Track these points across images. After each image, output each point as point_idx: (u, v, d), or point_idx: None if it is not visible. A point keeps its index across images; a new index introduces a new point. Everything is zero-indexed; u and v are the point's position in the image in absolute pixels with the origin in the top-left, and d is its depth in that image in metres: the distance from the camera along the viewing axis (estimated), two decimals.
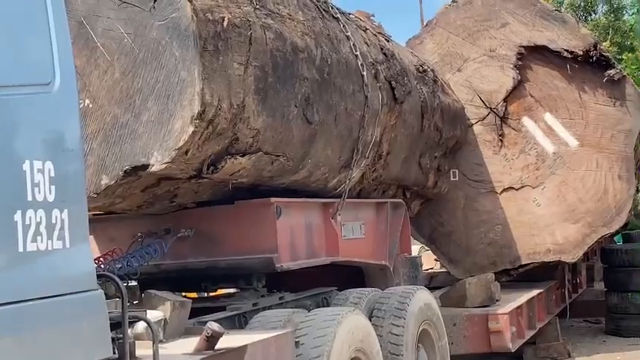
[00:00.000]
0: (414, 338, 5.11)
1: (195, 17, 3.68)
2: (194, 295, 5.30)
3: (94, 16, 3.77)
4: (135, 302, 4.07)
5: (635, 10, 24.31)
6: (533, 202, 7.72)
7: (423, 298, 5.43)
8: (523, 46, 7.77)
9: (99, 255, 4.34)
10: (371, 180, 5.99)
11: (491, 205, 7.81)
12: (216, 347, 3.46)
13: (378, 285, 5.85)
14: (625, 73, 7.70)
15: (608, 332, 9.52)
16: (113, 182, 3.78)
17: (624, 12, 24.62)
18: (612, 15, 24.17)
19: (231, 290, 5.26)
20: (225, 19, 3.87)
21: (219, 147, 3.98)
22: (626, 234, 10.33)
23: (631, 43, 23.49)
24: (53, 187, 2.59)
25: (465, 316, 6.61)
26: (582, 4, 24.68)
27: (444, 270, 8.59)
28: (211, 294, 5.21)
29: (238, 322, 4.49)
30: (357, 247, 5.76)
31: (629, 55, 23.14)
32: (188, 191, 4.34)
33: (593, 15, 24.65)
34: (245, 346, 3.62)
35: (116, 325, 3.06)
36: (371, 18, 6.78)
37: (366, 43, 5.81)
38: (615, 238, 10.82)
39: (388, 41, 6.50)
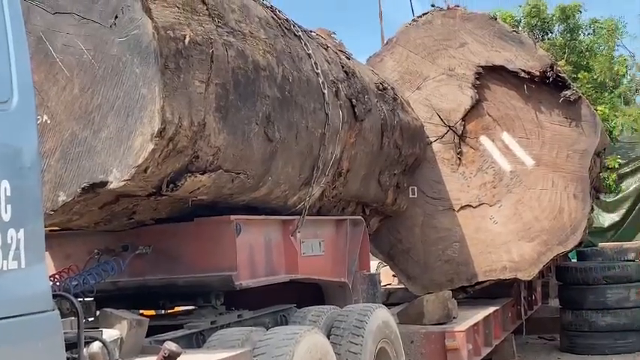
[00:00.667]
0: (372, 356, 5.11)
1: (156, 35, 3.66)
2: (151, 312, 5.25)
3: (53, 31, 3.73)
4: (91, 320, 4.02)
5: (592, 31, 24.71)
6: (490, 219, 7.79)
7: (382, 316, 5.44)
8: (481, 66, 7.86)
9: (55, 272, 4.28)
10: (331, 197, 6.01)
11: (449, 222, 7.87)
12: None
13: (337, 302, 5.86)
14: (580, 94, 7.81)
15: (563, 349, 9.64)
16: (71, 199, 3.73)
17: (580, 32, 25.01)
18: (568, 34, 24.54)
19: (189, 308, 5.21)
20: (187, 36, 3.85)
21: (179, 165, 3.96)
22: (581, 252, 10.47)
23: (587, 63, 23.87)
24: (9, 207, 2.55)
25: (423, 333, 6.64)
26: (539, 23, 25.02)
27: (401, 286, 8.63)
28: (169, 312, 5.16)
29: (196, 341, 4.45)
30: (317, 264, 5.76)
31: (585, 74, 23.53)
32: (147, 208, 4.31)
33: (550, 34, 25.01)
34: None
35: (71, 345, 3.02)
36: (332, 36, 6.81)
37: (328, 61, 5.84)
38: (570, 256, 10.96)
39: (349, 59, 6.53)
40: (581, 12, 24.31)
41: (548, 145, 7.74)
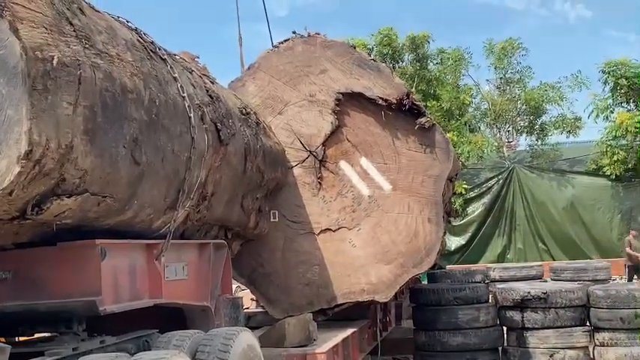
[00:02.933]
0: None
1: (24, 55, 3.58)
2: (2, 340, 5.07)
3: None
4: None
5: (440, 60, 25.70)
6: (349, 243, 7.96)
7: (246, 339, 5.45)
8: (341, 93, 8.05)
9: None
10: (195, 221, 5.99)
11: (309, 246, 7.99)
12: None
13: (200, 327, 5.84)
14: (434, 122, 8.13)
15: None
16: None
17: (429, 61, 25.97)
18: (418, 64, 25.45)
19: (48, 335, 5.07)
20: (55, 57, 3.78)
21: (45, 188, 3.87)
22: (431, 273, 10.84)
23: (435, 92, 24.79)
24: None
25: (284, 356, 6.70)
26: (390, 52, 25.76)
27: (260, 310, 8.68)
28: (28, 339, 5.00)
29: None
30: (181, 288, 5.73)
31: (434, 102, 24.40)
32: (8, 232, 4.17)
33: (401, 63, 25.83)
34: None
35: None
36: (196, 60, 6.82)
37: (193, 84, 5.85)
38: (420, 278, 11.33)
39: (213, 83, 6.56)
40: (429, 42, 25.33)
41: (405, 170, 8.00)
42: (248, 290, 8.58)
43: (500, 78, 26.25)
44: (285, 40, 8.30)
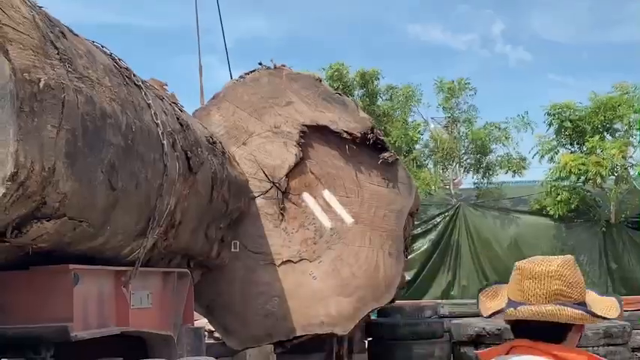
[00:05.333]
0: None
1: (13, 76, 3.56)
2: None
3: None
4: None
5: (389, 97, 25.98)
6: (310, 275, 7.96)
7: None
8: (306, 125, 8.09)
9: None
10: (162, 249, 5.95)
11: (269, 277, 7.96)
12: None
13: (162, 356, 5.78)
14: (397, 157, 8.22)
15: None
16: None
17: (378, 97, 26.24)
18: (367, 99, 25.69)
19: None
20: (42, 80, 3.76)
21: (26, 210, 3.82)
22: (382, 308, 10.88)
23: (384, 128, 25.02)
24: None
25: None
26: (341, 87, 25.94)
27: (213, 342, 8.60)
28: None
29: None
30: (145, 316, 5.67)
31: (385, 139, 24.52)
32: None
33: (351, 97, 26.00)
34: None
35: None
36: (164, 87, 6.81)
37: (164, 112, 5.83)
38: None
39: (182, 111, 6.56)
40: (379, 78, 25.61)
41: (367, 203, 8.05)
42: (205, 320, 8.49)
43: (448, 117, 26.60)
44: (252, 71, 8.33)
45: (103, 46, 5.28)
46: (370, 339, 10.21)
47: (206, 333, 9.19)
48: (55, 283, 4.45)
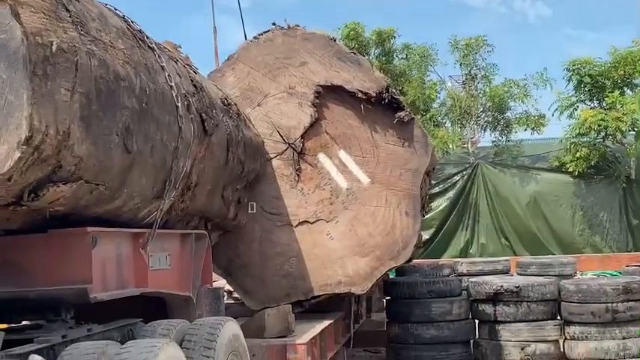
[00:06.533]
0: None
1: (25, 40, 3.56)
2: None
3: None
4: None
5: (405, 56, 25.80)
6: (326, 235, 7.99)
7: (232, 329, 5.48)
8: (321, 85, 8.06)
9: None
10: (179, 211, 5.98)
11: (286, 238, 8.00)
12: None
13: (182, 317, 5.83)
14: (413, 116, 8.18)
15: None
16: None
17: (395, 55, 26.05)
18: (384, 58, 25.52)
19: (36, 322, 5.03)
20: (54, 43, 3.77)
21: (42, 174, 3.85)
22: (399, 267, 10.92)
23: (402, 88, 24.89)
24: None
25: (265, 346, 6.72)
26: (356, 46, 25.75)
27: (232, 302, 8.68)
28: (14, 325, 4.96)
29: (47, 356, 4.31)
30: (164, 278, 5.72)
31: (401, 97, 24.43)
32: (0, 219, 4.14)
33: (367, 57, 25.85)
34: None
35: None
36: (178, 49, 6.80)
37: (178, 74, 5.83)
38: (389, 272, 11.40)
39: (196, 73, 6.55)
40: (395, 37, 25.42)
41: (383, 163, 8.04)
42: (224, 281, 8.56)
43: (465, 74, 26.37)
44: (266, 32, 8.29)
45: (115, 9, 5.27)
46: (388, 298, 10.25)
47: (225, 293, 9.29)
48: (74, 246, 4.50)
